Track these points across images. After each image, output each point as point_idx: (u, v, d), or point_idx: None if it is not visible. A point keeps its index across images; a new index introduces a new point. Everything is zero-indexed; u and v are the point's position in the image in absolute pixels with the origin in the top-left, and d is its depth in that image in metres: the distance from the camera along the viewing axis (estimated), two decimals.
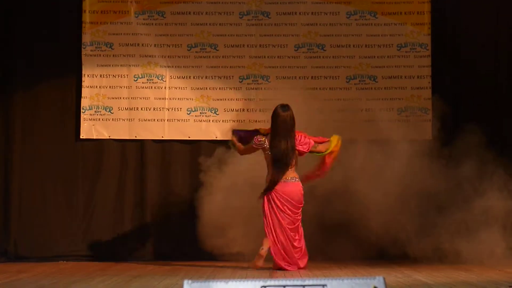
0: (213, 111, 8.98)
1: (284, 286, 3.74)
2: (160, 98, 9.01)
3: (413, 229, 8.49)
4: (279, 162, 7.49)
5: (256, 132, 7.76)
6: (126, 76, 9.04)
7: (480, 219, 8.33)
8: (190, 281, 3.78)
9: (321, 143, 7.69)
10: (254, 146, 7.61)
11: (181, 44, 9.04)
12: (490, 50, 9.11)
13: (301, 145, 7.55)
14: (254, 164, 8.05)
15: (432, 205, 8.60)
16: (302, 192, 7.51)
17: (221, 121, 8.91)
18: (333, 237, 8.42)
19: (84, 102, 8.99)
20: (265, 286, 3.71)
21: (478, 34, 9.09)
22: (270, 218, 7.49)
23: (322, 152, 7.67)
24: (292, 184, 7.52)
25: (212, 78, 9.02)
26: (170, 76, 9.04)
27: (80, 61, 9.00)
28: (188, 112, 8.95)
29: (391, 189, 8.38)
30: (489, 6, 9.10)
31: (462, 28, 9.10)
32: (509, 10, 9.07)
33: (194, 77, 9.02)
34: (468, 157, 8.48)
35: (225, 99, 8.96)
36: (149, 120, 9.00)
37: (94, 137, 9.01)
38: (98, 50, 9.00)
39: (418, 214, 8.56)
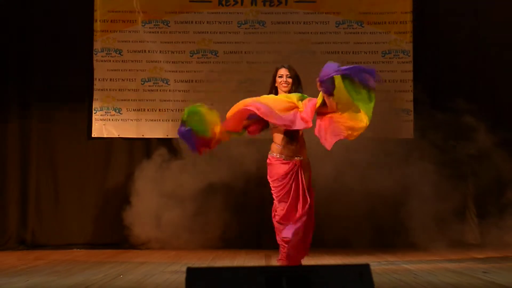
0: None
1: (281, 272, 3.91)
2: (165, 100, 9.27)
3: (400, 219, 8.80)
4: None
5: None
6: (134, 80, 9.29)
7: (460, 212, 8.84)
8: (192, 267, 3.94)
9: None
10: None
11: (184, 51, 9.30)
12: (468, 56, 9.39)
13: None
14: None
15: (416, 198, 8.85)
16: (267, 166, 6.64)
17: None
18: (323, 227, 8.43)
19: (96, 104, 9.25)
20: (262, 273, 3.87)
21: (456, 41, 9.36)
22: None
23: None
24: None
25: (213, 82, 9.25)
26: (174, 80, 9.30)
27: (92, 67, 9.28)
28: None
29: (375, 183, 8.69)
30: (467, 16, 9.38)
31: (441, 36, 9.37)
32: (486, 17, 9.36)
33: (196, 81, 9.27)
34: (447, 154, 8.87)
35: (225, 101, 8.88)
36: (155, 120, 9.24)
37: (105, 136, 9.29)
38: (108, 56, 9.27)
39: (404, 204, 8.85)
